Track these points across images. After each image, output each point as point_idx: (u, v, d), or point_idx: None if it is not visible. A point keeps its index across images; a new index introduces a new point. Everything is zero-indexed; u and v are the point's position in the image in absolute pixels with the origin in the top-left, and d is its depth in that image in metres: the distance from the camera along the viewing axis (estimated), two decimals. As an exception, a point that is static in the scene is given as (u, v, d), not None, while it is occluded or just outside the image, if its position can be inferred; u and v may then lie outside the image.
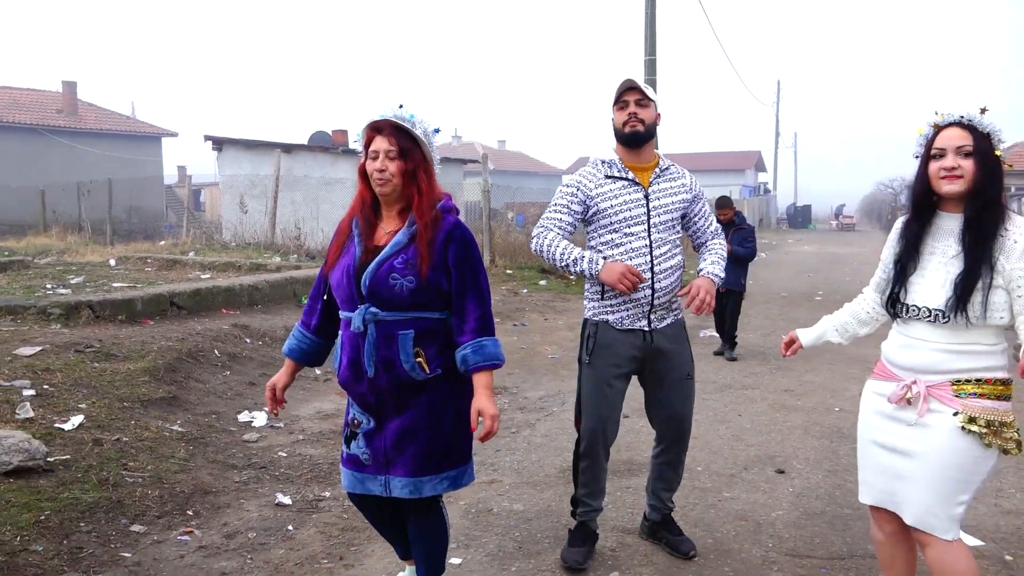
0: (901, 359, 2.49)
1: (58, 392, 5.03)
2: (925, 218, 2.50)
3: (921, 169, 2.48)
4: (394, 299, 2.47)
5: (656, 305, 3.25)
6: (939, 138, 2.43)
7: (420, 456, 2.53)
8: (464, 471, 2.65)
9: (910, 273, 2.48)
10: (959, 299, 2.33)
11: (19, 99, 30.59)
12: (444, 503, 2.75)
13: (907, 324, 2.49)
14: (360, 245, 2.57)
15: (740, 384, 6.76)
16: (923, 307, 2.42)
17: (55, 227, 20.50)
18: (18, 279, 9.63)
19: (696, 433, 5.23)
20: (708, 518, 3.84)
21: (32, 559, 3.25)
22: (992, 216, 2.37)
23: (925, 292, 2.43)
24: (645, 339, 3.26)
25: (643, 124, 3.23)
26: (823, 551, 3.48)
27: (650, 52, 14.11)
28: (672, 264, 3.27)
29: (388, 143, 2.49)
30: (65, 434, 4.43)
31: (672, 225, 3.29)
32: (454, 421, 2.57)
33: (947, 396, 2.36)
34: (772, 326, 9.92)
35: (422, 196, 2.51)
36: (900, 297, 2.49)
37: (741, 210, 9.10)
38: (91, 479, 3.99)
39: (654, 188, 3.28)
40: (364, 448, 2.59)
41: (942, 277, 2.40)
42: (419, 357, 2.49)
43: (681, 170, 3.40)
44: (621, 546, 3.52)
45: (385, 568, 3.33)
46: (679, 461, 3.48)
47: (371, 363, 2.50)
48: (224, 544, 3.58)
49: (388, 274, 2.47)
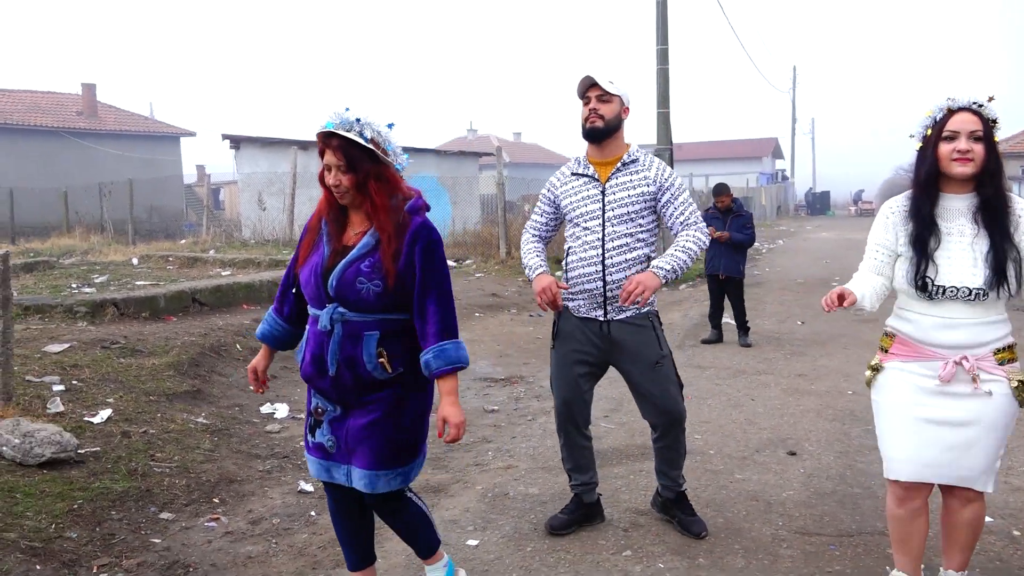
0: (943, 339, 2.58)
1: (86, 387, 5.18)
2: (933, 198, 2.58)
3: (930, 150, 2.56)
4: (361, 302, 2.49)
5: (610, 297, 3.30)
6: (952, 121, 2.52)
7: (378, 450, 2.55)
8: (415, 465, 2.67)
9: (935, 253, 2.56)
10: (996, 275, 2.50)
11: (40, 102, 31.01)
12: (411, 494, 2.76)
13: (939, 304, 2.57)
14: (328, 245, 2.57)
15: (754, 370, 6.82)
16: (962, 287, 2.53)
17: (78, 228, 20.82)
18: (44, 279, 9.85)
19: (709, 418, 5.34)
20: (719, 499, 3.92)
21: (67, 545, 3.39)
22: (1003, 196, 2.54)
23: (959, 272, 2.53)
24: (602, 328, 3.34)
25: (603, 120, 3.28)
26: (832, 528, 3.55)
27: (662, 41, 14.10)
28: (629, 257, 3.28)
29: (336, 157, 2.46)
30: (94, 427, 4.58)
31: (630, 218, 3.29)
32: (413, 418, 2.61)
33: (992, 366, 2.57)
34: (787, 313, 9.95)
35: (376, 209, 2.48)
36: (932, 279, 2.56)
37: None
38: (120, 470, 4.13)
39: (612, 183, 3.31)
40: (329, 435, 2.61)
41: (971, 257, 2.53)
42: (382, 357, 2.51)
43: (650, 162, 3.37)
44: (633, 526, 3.60)
45: (404, 550, 3.43)
46: (677, 442, 3.49)
47: (334, 361, 2.52)
48: (250, 530, 3.71)
49: (355, 278, 2.48)
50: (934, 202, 2.59)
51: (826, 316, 9.24)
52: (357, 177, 2.47)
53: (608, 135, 3.31)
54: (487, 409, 5.77)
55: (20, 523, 3.45)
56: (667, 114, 14.25)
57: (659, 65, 14.15)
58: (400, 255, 2.49)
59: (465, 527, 3.66)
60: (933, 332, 2.59)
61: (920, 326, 2.62)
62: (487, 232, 16.47)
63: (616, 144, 3.36)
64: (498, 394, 6.25)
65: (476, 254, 14.37)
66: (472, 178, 22.82)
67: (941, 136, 2.53)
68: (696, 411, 5.48)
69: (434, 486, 4.22)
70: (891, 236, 2.71)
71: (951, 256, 2.55)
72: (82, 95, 32.06)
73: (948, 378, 2.56)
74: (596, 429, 5.10)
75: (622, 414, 5.45)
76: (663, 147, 14.20)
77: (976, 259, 2.52)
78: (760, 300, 10.94)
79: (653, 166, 3.35)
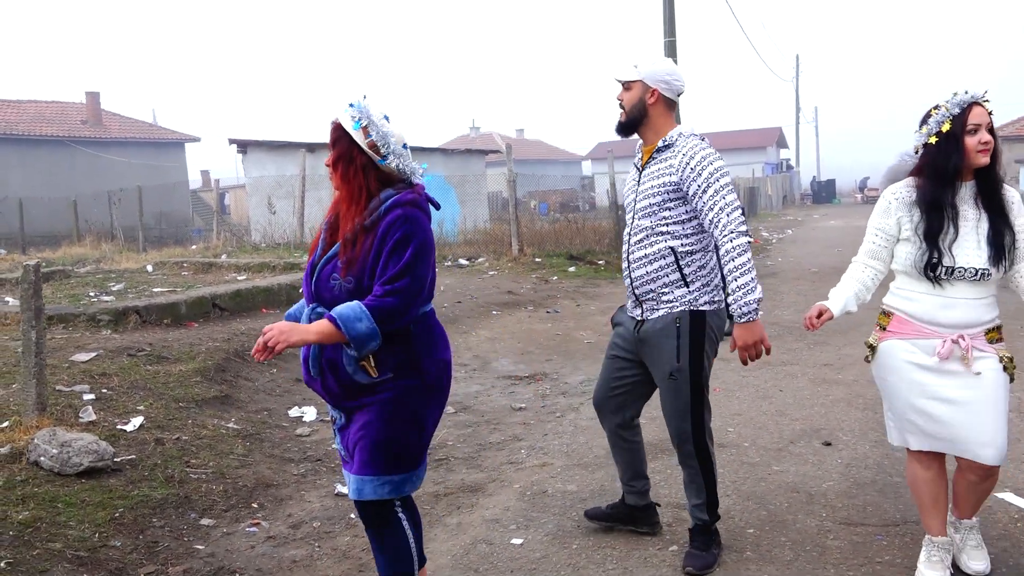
0: (944, 318, 2.75)
1: (116, 395, 5.19)
2: (956, 188, 2.75)
3: (955, 142, 2.70)
4: (335, 300, 2.38)
5: (640, 294, 3.12)
6: (972, 115, 2.70)
7: (365, 454, 2.43)
8: (408, 477, 2.49)
9: (949, 239, 2.72)
10: (998, 255, 2.70)
11: (45, 112, 31.11)
12: (402, 515, 2.53)
13: (945, 284, 2.75)
14: (324, 242, 2.50)
15: (779, 360, 6.80)
16: (968, 267, 2.71)
17: (88, 236, 20.87)
18: (62, 288, 9.86)
19: (739, 410, 5.32)
20: (759, 491, 3.90)
21: (112, 554, 3.39)
22: (999, 181, 2.77)
23: (966, 254, 2.71)
24: (636, 328, 3.18)
25: (624, 111, 3.13)
26: (876, 519, 3.53)
27: (669, 33, 14.07)
28: (648, 253, 3.07)
29: (331, 155, 2.46)
30: (128, 435, 4.58)
31: (654, 211, 3.05)
32: (407, 423, 2.45)
33: (984, 344, 2.75)
34: (805, 302, 9.91)
35: (349, 205, 2.40)
36: (941, 261, 2.72)
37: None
38: (158, 477, 4.14)
39: (646, 171, 3.13)
40: (340, 444, 2.56)
41: (975, 238, 2.73)
42: (364, 360, 2.37)
43: (683, 147, 3.02)
44: (677, 520, 3.59)
45: (449, 551, 3.43)
46: (689, 468, 3.19)
47: (316, 364, 2.44)
48: (291, 534, 3.71)
49: (329, 275, 2.41)
50: (956, 192, 2.75)
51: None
52: (341, 175, 2.42)
53: (633, 127, 3.13)
54: (515, 407, 5.76)
55: (64, 533, 3.46)
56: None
57: (666, 55, 14.11)
58: (371, 250, 2.35)
59: (508, 526, 3.65)
60: (936, 311, 2.76)
61: (923, 305, 2.78)
62: (498, 229, 16.45)
63: (655, 129, 3.10)
64: (524, 392, 6.24)
65: (488, 252, 14.35)
66: (479, 176, 22.82)
67: (965, 129, 2.68)
68: (726, 403, 5.47)
69: (470, 485, 4.22)
70: (892, 222, 2.86)
71: (959, 239, 2.73)
72: (86, 104, 32.17)
73: (946, 356, 2.72)
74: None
75: (653, 408, 5.41)
76: (673, 140, 14.15)
77: (980, 240, 2.72)
78: (776, 290, 10.91)
79: (680, 152, 3.00)
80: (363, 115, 2.41)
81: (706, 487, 3.18)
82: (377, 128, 2.41)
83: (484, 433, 5.17)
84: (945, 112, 2.72)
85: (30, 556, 3.23)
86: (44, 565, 3.19)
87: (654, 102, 3.08)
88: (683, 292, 3.05)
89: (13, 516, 3.50)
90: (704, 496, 3.19)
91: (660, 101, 3.08)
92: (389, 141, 2.42)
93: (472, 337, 8.23)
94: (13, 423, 4.45)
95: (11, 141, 28.09)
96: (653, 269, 3.06)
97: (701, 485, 3.19)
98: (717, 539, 3.24)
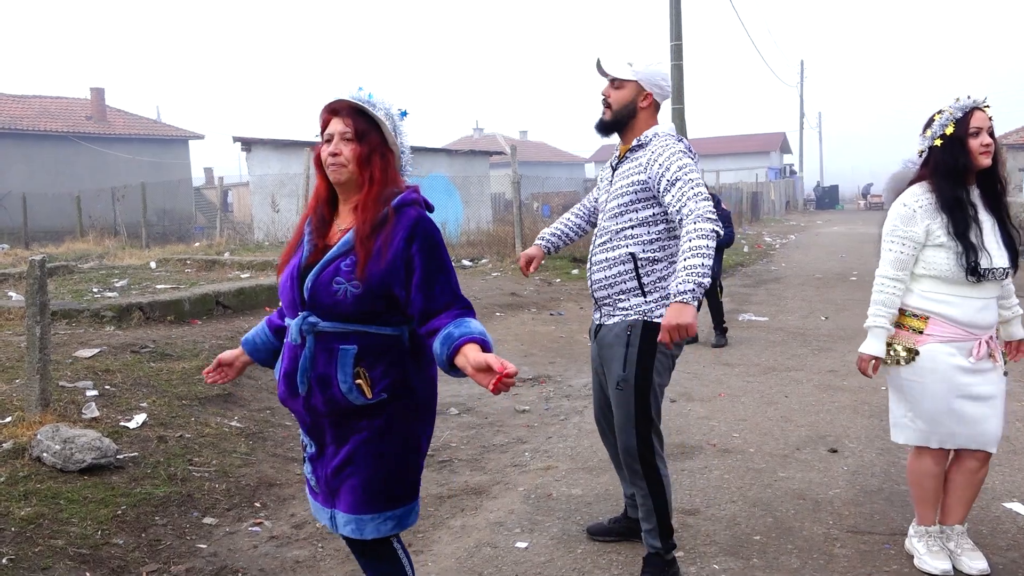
0: (982, 320, 2.87)
1: (119, 392, 5.17)
2: (968, 190, 2.85)
3: (960, 145, 2.81)
4: (337, 307, 2.13)
5: (598, 299, 3.02)
6: (974, 118, 2.81)
7: (361, 491, 2.19)
8: (411, 509, 2.29)
9: (980, 238, 2.82)
10: (1013, 255, 2.85)
11: (49, 108, 31.12)
12: (398, 546, 2.34)
13: (982, 286, 2.86)
14: (310, 244, 2.25)
15: (784, 366, 6.78)
16: (1000, 267, 2.84)
17: (92, 232, 20.86)
18: (65, 284, 9.84)
19: (744, 415, 5.30)
20: (766, 497, 3.88)
21: (115, 552, 3.37)
22: (1004, 185, 2.89)
23: (996, 254, 2.85)
24: (595, 332, 3.10)
25: (610, 109, 2.94)
26: (884, 527, 3.51)
27: (675, 37, 14.06)
28: (609, 257, 2.94)
29: (343, 124, 2.17)
30: (130, 432, 4.56)
31: (621, 211, 2.91)
32: (401, 453, 2.22)
33: (995, 343, 2.94)
34: (810, 308, 9.89)
35: (372, 185, 2.16)
36: (982, 263, 2.82)
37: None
38: (160, 474, 4.11)
39: (618, 171, 3.02)
40: (311, 474, 2.32)
41: (995, 239, 2.85)
42: (359, 379, 2.13)
43: (651, 146, 2.89)
44: (683, 527, 3.57)
45: (453, 553, 3.41)
46: (638, 489, 2.99)
47: (304, 379, 2.17)
48: (294, 534, 3.69)
49: (332, 278, 2.14)
50: (969, 192, 2.86)
51: (849, 311, 9.19)
52: (362, 148, 2.16)
53: (618, 127, 2.95)
54: (518, 409, 5.74)
55: (67, 530, 3.44)
56: (681, 110, 14.22)
57: (673, 61, 14.11)
58: (386, 251, 2.12)
59: (512, 529, 3.63)
60: (975, 314, 2.86)
61: (964, 309, 2.85)
62: (502, 231, 16.43)
63: (637, 131, 2.95)
64: (527, 394, 6.21)
65: (491, 253, 14.33)
66: (483, 177, 22.79)
67: (968, 132, 2.80)
68: (731, 409, 5.45)
69: (474, 488, 4.19)
70: (919, 229, 2.88)
71: (987, 240, 2.84)
72: (91, 100, 32.18)
73: (980, 356, 2.86)
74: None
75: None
76: (678, 143, 14.15)
77: (999, 241, 2.86)
78: (780, 296, 10.88)
79: (652, 150, 2.86)
80: (385, 109, 2.24)
81: (656, 512, 2.96)
82: (396, 123, 2.26)
83: (488, 435, 5.15)
84: (949, 116, 2.84)
85: (32, 553, 3.21)
86: (46, 562, 3.17)
87: (646, 105, 2.95)
88: (639, 301, 2.91)
89: (15, 512, 3.48)
90: (654, 521, 2.97)
91: (651, 105, 2.96)
92: (403, 139, 2.29)
93: (475, 338, 8.20)
94: (16, 419, 4.43)
95: (15, 136, 28.09)
96: (612, 274, 2.94)
97: (651, 509, 2.97)
98: (674, 571, 3.01)
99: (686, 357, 7.30)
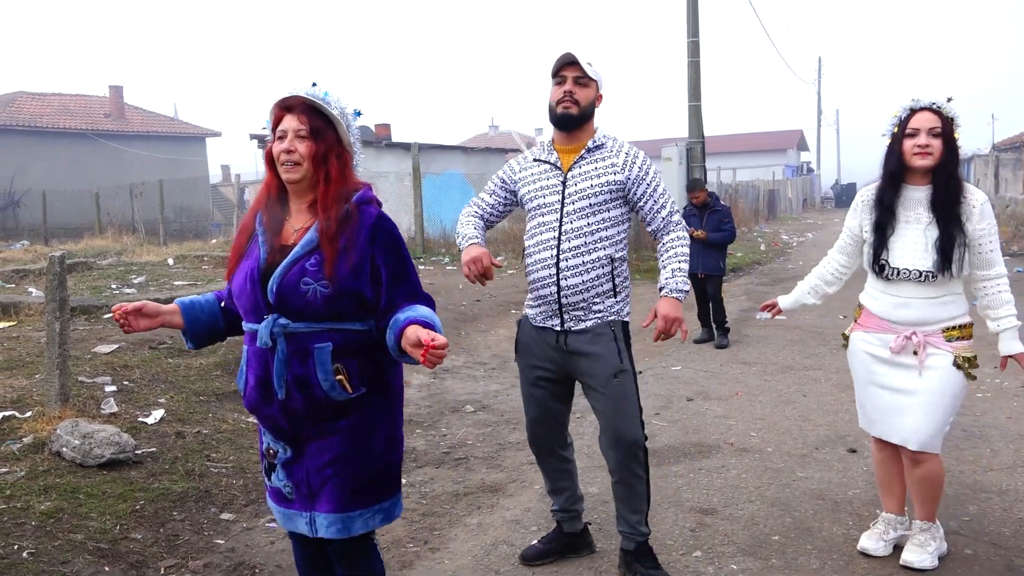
0: (899, 316, 2.96)
1: (138, 388, 5.20)
2: (897, 189, 2.93)
3: (896, 145, 2.92)
4: (307, 308, 2.09)
5: (566, 304, 2.92)
6: (914, 119, 2.88)
7: (347, 487, 2.16)
8: (396, 501, 2.28)
9: (890, 238, 2.93)
10: (944, 259, 2.84)
11: (69, 105, 31.39)
12: (377, 540, 2.36)
13: (894, 284, 2.96)
14: (265, 245, 2.17)
15: (802, 365, 6.73)
16: (912, 269, 2.89)
17: (110, 229, 21.03)
18: (84, 280, 9.92)
19: (762, 414, 5.26)
20: (784, 497, 3.85)
21: (133, 546, 3.39)
22: (955, 187, 2.87)
23: (911, 256, 2.90)
24: (558, 340, 2.97)
25: (578, 106, 2.92)
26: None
27: (692, 34, 13.97)
28: (587, 261, 2.90)
29: (298, 121, 2.13)
30: (149, 427, 4.59)
31: (593, 212, 2.90)
32: (384, 445, 2.22)
33: (940, 342, 2.92)
34: (827, 307, 9.75)
35: (329, 184, 2.13)
36: (888, 261, 2.93)
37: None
38: (178, 470, 4.14)
39: (575, 172, 2.94)
40: (286, 480, 2.23)
41: (923, 242, 2.88)
42: (339, 375, 2.11)
43: (619, 147, 2.99)
44: (700, 526, 3.55)
45: (470, 551, 3.41)
46: (635, 477, 3.03)
47: (282, 383, 2.12)
48: (311, 530, 3.69)
49: (299, 278, 2.09)
50: (897, 192, 2.93)
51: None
52: (317, 146, 2.12)
53: (581, 123, 2.96)
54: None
55: (86, 524, 3.46)
56: (698, 107, 14.13)
57: (690, 58, 14.03)
58: (351, 250, 2.11)
59: (528, 527, 3.62)
60: (890, 309, 2.98)
61: (880, 303, 3.01)
62: (518, 229, 16.40)
63: (586, 131, 3.00)
64: (543, 392, 6.19)
65: (507, 251, 14.32)
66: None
67: (905, 133, 2.88)
68: (749, 408, 5.42)
69: (491, 485, 4.19)
70: (856, 223, 3.11)
71: (907, 241, 2.90)
72: (110, 97, 32.44)
73: (898, 350, 2.95)
74: (648, 427, 5.06)
75: (673, 411, 5.40)
76: (695, 140, 14.07)
77: (927, 244, 2.87)
78: (798, 294, 10.80)
79: (622, 152, 2.97)
80: (340, 108, 2.20)
81: (646, 496, 3.07)
82: (349, 122, 2.23)
83: (504, 433, 5.14)
84: (895, 118, 2.95)
85: (52, 547, 3.23)
86: (66, 556, 3.19)
87: (599, 105, 3.04)
88: (612, 302, 2.96)
89: (36, 506, 3.51)
90: (645, 507, 3.07)
91: (598, 106, 3.05)
92: (356, 138, 2.27)
93: (491, 336, 8.21)
94: (36, 413, 4.47)
95: (35, 133, 28.36)
96: (590, 278, 2.91)
97: (643, 495, 3.05)
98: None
99: (703, 356, 7.26)
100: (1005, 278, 2.95)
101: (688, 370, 6.71)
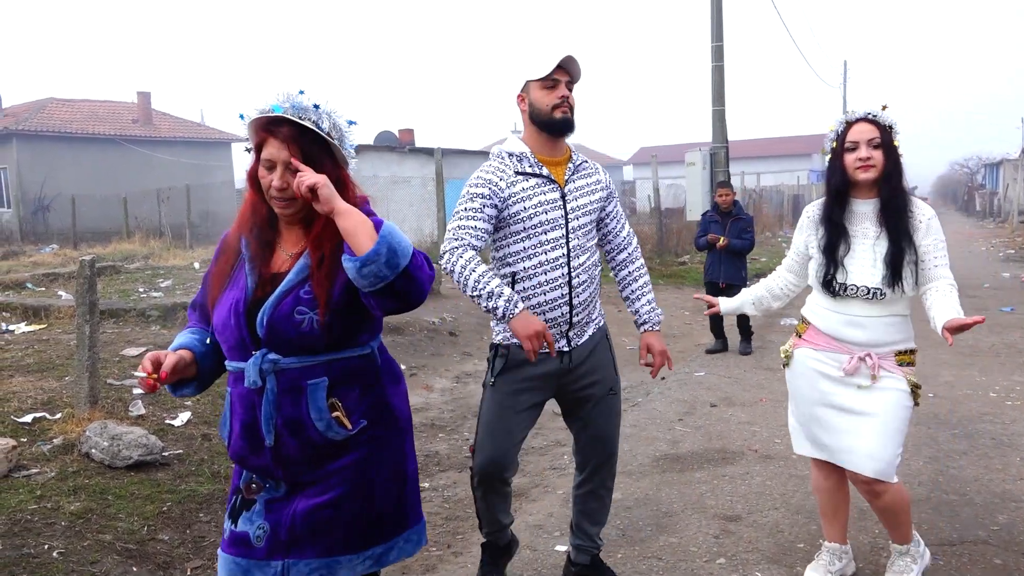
0: (850, 336, 2.78)
1: (164, 390, 5.26)
2: (844, 205, 2.80)
3: (838, 161, 2.78)
4: (302, 340, 1.87)
5: (576, 322, 2.82)
6: (851, 132, 2.75)
7: (340, 531, 1.92)
8: (393, 545, 2.00)
9: (841, 255, 2.78)
10: (894, 275, 2.69)
11: (98, 111, 31.83)
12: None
13: (843, 302, 2.79)
14: (253, 274, 1.93)
15: (826, 371, 6.67)
16: (861, 286, 2.74)
17: (137, 233, 21.30)
18: (112, 284, 10.07)
19: (786, 421, 5.19)
20: (809, 504, 3.82)
21: (160, 548, 3.43)
22: (902, 198, 2.74)
23: (858, 272, 2.75)
24: (563, 360, 2.82)
25: (572, 112, 2.76)
26: (932, 537, 3.43)
27: (716, 39, 13.92)
28: (592, 273, 2.86)
29: (287, 152, 1.88)
30: (175, 430, 4.65)
31: (591, 228, 2.88)
32: (390, 481, 1.99)
33: (893, 365, 2.78)
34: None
35: (327, 223, 1.87)
36: (837, 278, 2.78)
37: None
38: (204, 472, 4.18)
39: (571, 187, 2.81)
40: (261, 521, 1.93)
41: (871, 257, 2.74)
42: (335, 411, 1.90)
43: (594, 165, 2.96)
44: (724, 533, 3.53)
45: (492, 555, 3.41)
46: (606, 490, 3.03)
47: (270, 427, 1.88)
48: (335, 533, 3.72)
49: (293, 309, 1.86)
50: (844, 208, 2.80)
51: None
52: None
53: (572, 131, 2.81)
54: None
55: (114, 525, 3.51)
56: (722, 111, 14.07)
57: (714, 62, 13.97)
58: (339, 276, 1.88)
59: (551, 532, 3.62)
60: (839, 328, 2.80)
61: (829, 321, 2.83)
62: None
63: (564, 143, 2.86)
64: (566, 397, 6.19)
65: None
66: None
67: (844, 147, 2.74)
68: (773, 415, 5.38)
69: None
70: (801, 240, 2.96)
71: (854, 257, 2.77)
72: (138, 103, 32.83)
73: (852, 371, 2.77)
74: (672, 433, 5.06)
75: (696, 417, 5.37)
76: (719, 145, 14.02)
77: (876, 259, 2.73)
78: (823, 300, 10.72)
79: (599, 169, 2.97)
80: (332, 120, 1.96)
81: (607, 506, 3.10)
82: (342, 133, 1.99)
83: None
84: (832, 133, 2.82)
85: (81, 547, 3.28)
86: (95, 556, 3.24)
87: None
88: (599, 309, 2.99)
89: (65, 507, 3.56)
90: (604, 518, 3.10)
91: None
92: (350, 149, 2.03)
93: (513, 340, 8.22)
94: (66, 415, 4.54)
95: (65, 139, 28.79)
96: (592, 290, 2.88)
97: (607, 504, 3.08)
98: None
99: (726, 362, 7.22)
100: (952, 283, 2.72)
101: (712, 376, 6.68)
